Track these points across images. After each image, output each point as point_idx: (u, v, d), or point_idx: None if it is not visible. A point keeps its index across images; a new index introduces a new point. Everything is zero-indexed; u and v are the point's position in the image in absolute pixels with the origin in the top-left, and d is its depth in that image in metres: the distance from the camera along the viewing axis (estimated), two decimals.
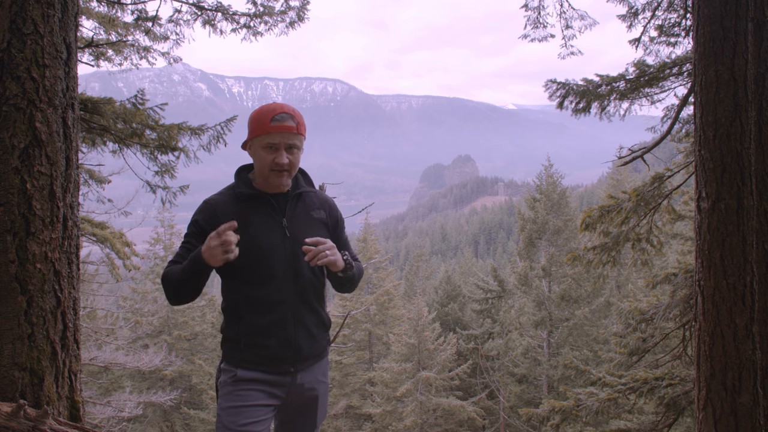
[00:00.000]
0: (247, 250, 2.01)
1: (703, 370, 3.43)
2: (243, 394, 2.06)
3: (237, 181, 2.18)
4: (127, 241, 6.90)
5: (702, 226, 3.41)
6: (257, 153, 2.08)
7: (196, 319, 18.12)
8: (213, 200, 2.12)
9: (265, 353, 2.09)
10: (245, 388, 2.07)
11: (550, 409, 6.14)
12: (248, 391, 2.07)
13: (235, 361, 2.10)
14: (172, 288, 2.02)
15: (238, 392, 2.07)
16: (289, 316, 2.11)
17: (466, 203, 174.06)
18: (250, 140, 2.11)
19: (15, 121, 2.21)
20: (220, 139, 4.99)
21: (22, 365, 2.19)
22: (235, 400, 2.06)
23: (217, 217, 2.04)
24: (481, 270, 27.55)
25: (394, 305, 18.68)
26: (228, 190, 2.17)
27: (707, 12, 3.36)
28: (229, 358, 2.13)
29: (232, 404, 2.06)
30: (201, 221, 2.07)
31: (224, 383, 2.11)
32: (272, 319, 2.08)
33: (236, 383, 2.08)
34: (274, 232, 2.10)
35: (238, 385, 2.08)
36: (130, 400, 10.14)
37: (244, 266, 2.05)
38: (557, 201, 16.47)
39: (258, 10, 5.21)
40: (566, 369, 12.58)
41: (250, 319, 2.07)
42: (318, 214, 2.23)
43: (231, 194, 2.14)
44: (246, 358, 2.09)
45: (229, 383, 2.09)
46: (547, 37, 5.83)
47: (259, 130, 2.05)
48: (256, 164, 2.13)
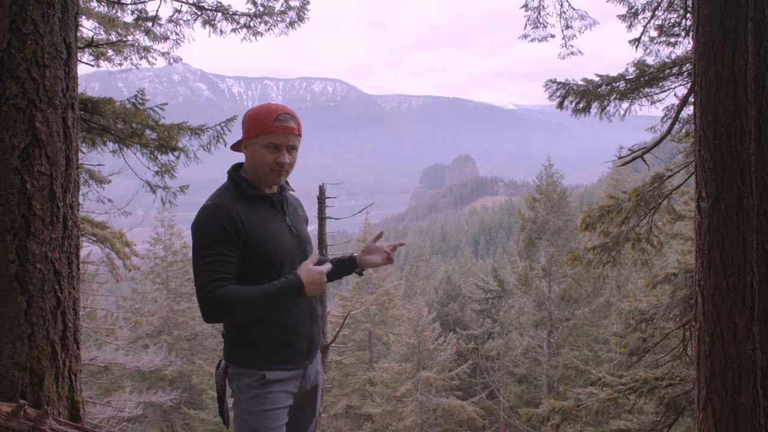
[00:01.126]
0: (268, 251, 2.03)
1: (703, 370, 3.43)
2: (272, 396, 2.06)
3: (240, 182, 2.09)
4: (127, 241, 6.90)
5: (702, 226, 3.41)
6: (257, 152, 2.05)
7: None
8: (223, 203, 2.00)
9: (289, 351, 2.11)
10: (273, 391, 2.07)
11: (550, 409, 6.14)
12: (276, 393, 2.07)
13: (260, 363, 2.07)
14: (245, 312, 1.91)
15: (267, 395, 2.06)
16: (306, 311, 2.16)
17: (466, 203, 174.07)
18: (247, 139, 2.08)
19: (15, 121, 2.21)
20: (220, 139, 4.99)
21: (22, 365, 2.19)
22: (265, 403, 2.05)
23: (236, 219, 1.96)
24: (481, 270, 27.55)
25: (394, 305, 18.68)
26: (230, 190, 2.08)
27: (707, 12, 3.36)
28: (250, 361, 2.07)
29: (261, 408, 2.04)
30: (227, 226, 1.94)
31: (248, 387, 2.06)
32: (294, 317, 2.11)
33: (264, 386, 2.06)
34: (284, 231, 2.12)
35: (266, 388, 2.06)
36: (130, 400, 10.15)
37: (266, 266, 2.03)
38: (557, 201, 16.48)
39: (258, 10, 5.21)
40: (566, 369, 12.58)
41: (275, 320, 2.07)
42: (301, 212, 2.32)
43: (235, 195, 2.06)
44: (272, 359, 2.08)
45: (255, 386, 2.05)
46: (547, 37, 5.84)
47: (261, 129, 2.03)
48: (253, 163, 2.08)
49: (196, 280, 1.91)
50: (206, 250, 1.91)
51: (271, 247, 2.03)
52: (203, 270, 1.89)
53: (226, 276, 1.91)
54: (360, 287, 18.80)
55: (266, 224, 2.06)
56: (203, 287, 1.87)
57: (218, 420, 14.98)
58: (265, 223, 2.05)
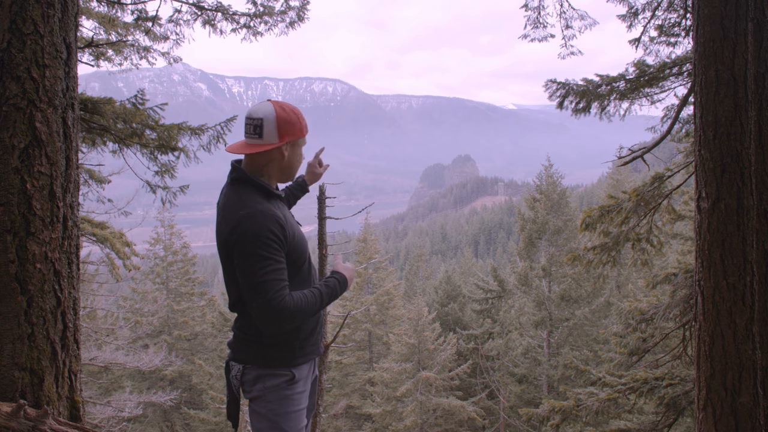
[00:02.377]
0: (303, 250, 2.11)
1: (703, 370, 3.43)
2: (298, 397, 2.13)
3: (260, 184, 2.05)
4: (127, 241, 6.91)
5: (702, 226, 3.41)
6: (295, 153, 2.14)
7: (196, 319, 18.12)
8: (265, 209, 1.96)
9: (315, 339, 2.20)
10: (299, 391, 2.13)
11: (550, 409, 6.14)
12: (301, 393, 2.14)
13: (288, 361, 2.10)
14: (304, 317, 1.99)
15: (295, 396, 2.11)
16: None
17: (466, 203, 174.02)
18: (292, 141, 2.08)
19: (15, 121, 2.21)
20: (220, 139, 4.99)
21: (22, 365, 2.19)
22: (293, 404, 2.10)
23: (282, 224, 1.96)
24: (481, 270, 27.53)
25: (394, 305, 18.68)
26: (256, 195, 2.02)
27: (707, 12, 3.36)
28: (278, 361, 2.08)
29: (291, 409, 2.09)
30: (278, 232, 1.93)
31: (276, 387, 2.07)
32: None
33: (292, 386, 2.10)
34: (299, 228, 2.19)
35: (294, 389, 2.11)
36: (130, 400, 10.16)
37: (302, 262, 2.12)
38: (557, 201, 16.47)
39: (258, 10, 5.21)
40: (566, 369, 12.59)
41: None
42: None
43: (263, 197, 2.02)
44: (300, 354, 2.13)
45: (284, 387, 2.08)
46: (547, 37, 5.84)
47: (301, 133, 2.12)
48: (288, 164, 2.12)
49: (259, 294, 1.87)
50: (265, 261, 1.88)
51: (304, 245, 2.13)
52: (267, 281, 1.87)
53: (287, 284, 1.93)
54: (360, 287, 18.80)
55: (293, 224, 2.11)
56: (272, 299, 1.86)
57: (218, 420, 14.97)
58: (292, 223, 2.10)
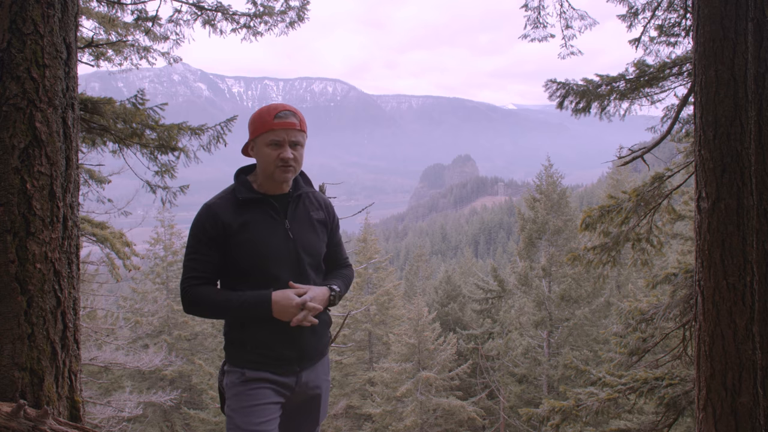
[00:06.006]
0: (251, 253, 2.06)
1: (703, 370, 3.43)
2: (253, 393, 2.07)
3: (237, 185, 2.15)
4: (127, 241, 6.90)
5: (702, 226, 3.41)
6: (261, 151, 2.08)
7: (196, 319, 18.11)
8: (215, 204, 2.09)
9: (272, 354, 2.10)
10: (254, 387, 2.07)
11: (550, 409, 6.14)
12: (258, 389, 2.07)
13: (242, 362, 2.10)
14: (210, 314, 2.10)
15: (248, 392, 2.07)
16: None
17: (466, 203, 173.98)
18: (252, 140, 2.11)
19: (15, 121, 2.20)
20: (220, 139, 4.99)
21: (22, 365, 2.19)
22: (247, 399, 2.06)
23: (221, 221, 2.05)
24: (481, 270, 27.53)
25: (394, 305, 18.67)
26: (228, 193, 2.14)
27: (707, 12, 3.36)
28: (235, 360, 2.12)
29: (243, 404, 2.05)
30: (209, 227, 2.05)
31: (232, 384, 2.09)
32: (278, 321, 2.07)
33: (245, 383, 2.08)
34: (278, 234, 2.11)
35: (248, 385, 2.07)
36: (130, 400, 10.15)
37: (249, 269, 2.07)
38: (557, 201, 16.47)
39: (258, 10, 5.21)
40: (566, 369, 12.58)
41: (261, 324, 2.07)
42: (317, 215, 2.26)
43: (232, 197, 2.12)
44: (253, 359, 2.09)
45: (238, 384, 2.08)
46: (547, 37, 5.83)
47: (262, 128, 2.06)
48: (260, 163, 2.12)
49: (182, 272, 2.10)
50: (190, 247, 2.08)
51: (257, 250, 2.07)
52: (186, 265, 2.07)
53: (202, 275, 2.06)
54: (360, 287, 18.80)
55: (257, 229, 2.08)
56: (183, 281, 2.06)
57: (218, 420, 14.98)
58: (257, 228, 2.08)
